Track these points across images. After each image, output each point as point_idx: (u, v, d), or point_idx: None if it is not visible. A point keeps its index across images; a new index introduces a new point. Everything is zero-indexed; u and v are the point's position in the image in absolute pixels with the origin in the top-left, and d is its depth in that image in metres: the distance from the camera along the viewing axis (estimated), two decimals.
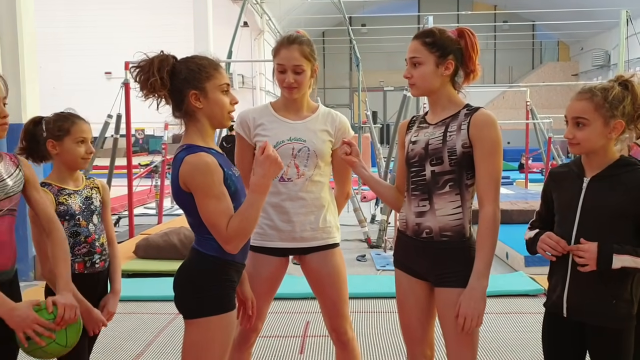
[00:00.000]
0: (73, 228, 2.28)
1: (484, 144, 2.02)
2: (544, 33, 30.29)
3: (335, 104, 28.83)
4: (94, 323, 2.27)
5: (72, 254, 2.24)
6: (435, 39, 2.08)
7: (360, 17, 28.94)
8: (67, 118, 2.33)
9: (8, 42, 5.48)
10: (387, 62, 29.03)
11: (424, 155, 2.11)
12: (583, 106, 1.91)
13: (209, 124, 1.95)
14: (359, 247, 7.24)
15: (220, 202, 1.84)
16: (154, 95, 1.91)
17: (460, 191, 2.07)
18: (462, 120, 2.07)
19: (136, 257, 5.98)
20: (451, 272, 2.08)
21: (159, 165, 10.48)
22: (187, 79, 1.89)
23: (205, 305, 1.90)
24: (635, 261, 1.85)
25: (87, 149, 2.32)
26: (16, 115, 5.53)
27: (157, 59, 1.89)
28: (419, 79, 2.10)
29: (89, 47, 22.03)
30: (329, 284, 2.45)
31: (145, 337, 4.07)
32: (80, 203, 2.32)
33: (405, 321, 2.25)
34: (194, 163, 1.83)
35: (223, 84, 1.94)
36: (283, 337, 4.03)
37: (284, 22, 24.29)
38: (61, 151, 2.29)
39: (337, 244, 2.51)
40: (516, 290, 4.93)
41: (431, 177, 2.09)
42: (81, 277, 2.26)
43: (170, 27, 20.16)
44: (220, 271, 1.93)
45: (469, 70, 2.13)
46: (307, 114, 2.45)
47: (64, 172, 2.33)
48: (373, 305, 4.71)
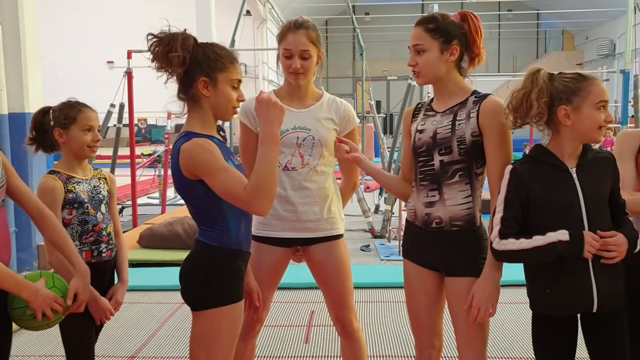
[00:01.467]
0: (82, 216, 2.30)
1: (494, 132, 1.99)
2: (548, 22, 30.10)
3: (339, 93, 28.65)
4: (102, 312, 2.29)
5: (79, 242, 2.28)
6: (439, 24, 2.04)
7: (364, 6, 28.78)
8: (73, 106, 2.34)
9: (10, 32, 5.45)
10: (391, 51, 28.90)
11: (432, 145, 2.07)
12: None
13: (211, 113, 1.93)
14: (363, 237, 7.22)
15: (228, 171, 1.81)
16: (167, 70, 1.87)
17: (470, 180, 2.05)
18: (470, 108, 2.04)
19: (140, 246, 5.98)
20: (462, 261, 2.06)
21: (162, 154, 10.46)
22: (201, 65, 1.87)
23: (213, 296, 1.89)
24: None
25: (94, 136, 2.34)
26: (19, 105, 5.52)
27: (181, 35, 1.86)
28: (424, 66, 2.06)
29: (91, 36, 21.97)
30: (334, 275, 2.43)
31: (150, 327, 4.07)
32: (88, 192, 2.33)
33: (414, 311, 2.24)
34: (190, 148, 1.82)
35: (235, 79, 1.92)
36: (288, 327, 4.03)
37: (287, 11, 24.17)
38: (68, 139, 2.31)
39: (342, 234, 2.49)
40: (519, 280, 4.89)
41: (440, 166, 2.06)
42: (88, 265, 2.24)
43: (173, 16, 20.06)
44: (227, 261, 1.92)
45: (473, 55, 2.10)
46: (312, 102, 2.41)
47: (72, 160, 2.35)
48: (377, 295, 4.70)
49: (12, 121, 5.47)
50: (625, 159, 2.21)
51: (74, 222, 2.29)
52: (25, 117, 5.49)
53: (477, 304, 1.99)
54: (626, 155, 2.22)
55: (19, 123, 5.48)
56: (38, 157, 5.59)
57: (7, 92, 5.45)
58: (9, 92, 5.46)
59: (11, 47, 5.46)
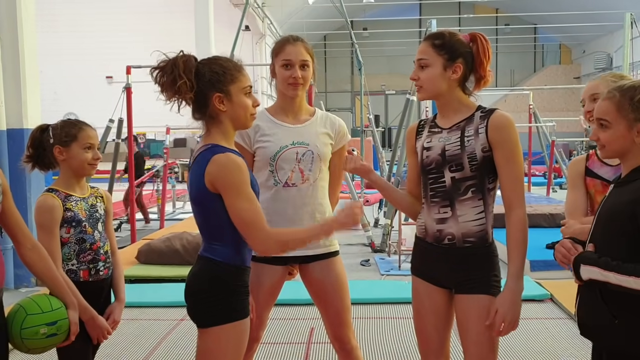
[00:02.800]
0: (79, 235, 2.29)
1: (505, 147, 1.99)
2: (545, 36, 30.27)
3: (337, 107, 28.83)
4: (99, 331, 2.28)
5: (77, 261, 2.27)
6: (445, 41, 2.04)
7: (362, 21, 28.95)
8: (74, 124, 2.35)
9: (9, 47, 5.46)
10: (389, 66, 29.04)
11: (442, 162, 2.06)
12: (605, 106, 1.76)
13: (231, 125, 1.94)
14: (362, 252, 7.19)
15: (252, 202, 1.83)
16: (177, 98, 1.87)
17: (482, 196, 2.04)
18: (478, 123, 2.03)
19: (138, 262, 5.94)
20: (473, 278, 2.04)
21: (161, 169, 10.46)
22: (211, 82, 1.87)
23: (220, 313, 1.88)
24: (604, 275, 1.64)
25: (94, 154, 2.34)
26: (17, 121, 5.50)
27: (181, 59, 1.85)
28: (425, 81, 2.06)
29: (90, 51, 22.01)
30: (332, 293, 2.42)
31: (148, 344, 4.02)
32: (86, 210, 2.33)
33: (422, 329, 2.19)
34: (224, 162, 1.82)
35: (246, 86, 1.93)
36: (287, 344, 3.99)
37: (286, 26, 24.30)
38: (68, 157, 2.30)
39: (338, 251, 2.48)
40: (522, 295, 4.88)
41: (452, 183, 2.05)
42: (86, 284, 2.27)
43: (172, 31, 20.18)
44: (234, 277, 1.91)
45: (479, 76, 2.09)
46: (307, 117, 2.44)
47: (70, 178, 2.34)
48: (377, 310, 4.65)
49: (10, 137, 5.46)
50: (576, 186, 2.31)
51: (72, 241, 2.27)
52: (23, 133, 5.48)
53: (502, 316, 1.96)
54: (576, 181, 2.32)
55: (18, 139, 5.47)
56: (36, 175, 5.57)
57: (6, 107, 5.44)
58: (7, 107, 5.45)
59: (10, 63, 5.46)
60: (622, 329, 1.66)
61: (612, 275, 1.63)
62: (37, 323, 1.96)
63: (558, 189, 13.45)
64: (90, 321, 2.22)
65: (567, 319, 4.40)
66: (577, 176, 2.32)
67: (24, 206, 5.29)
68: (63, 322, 2.02)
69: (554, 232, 6.28)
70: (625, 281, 1.60)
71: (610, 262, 1.65)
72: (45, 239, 2.20)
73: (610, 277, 1.63)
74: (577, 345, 3.84)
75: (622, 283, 1.61)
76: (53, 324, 1.99)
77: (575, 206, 2.28)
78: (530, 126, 13.31)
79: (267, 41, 21.75)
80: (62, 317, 2.03)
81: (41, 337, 1.97)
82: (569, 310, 4.47)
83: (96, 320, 2.25)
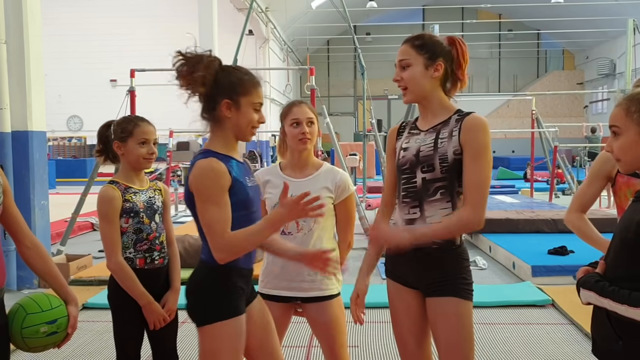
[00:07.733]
0: (137, 225, 2.43)
1: (473, 147, 1.98)
2: (549, 42, 30.30)
3: (340, 112, 28.90)
4: (155, 315, 2.42)
5: (134, 249, 2.43)
6: (425, 41, 2.07)
7: (365, 26, 29.02)
8: (130, 120, 2.50)
9: (15, 51, 5.48)
10: (391, 71, 28.54)
11: (415, 162, 2.07)
12: (616, 113, 1.71)
13: (232, 133, 2.00)
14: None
15: (221, 209, 1.88)
16: (189, 89, 1.93)
17: (451, 198, 2.04)
18: (453, 126, 2.04)
19: None
20: (441, 280, 2.04)
21: (164, 172, 10.48)
22: (225, 87, 1.94)
23: (211, 312, 1.96)
24: (600, 301, 1.60)
25: (149, 149, 2.47)
26: (22, 123, 5.53)
27: (207, 58, 1.93)
28: (408, 81, 2.07)
29: (94, 55, 22.10)
30: (326, 332, 2.57)
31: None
32: (144, 202, 2.46)
33: (398, 332, 2.20)
34: (202, 167, 1.90)
35: (257, 103, 1.99)
36: (288, 347, 4.00)
37: (289, 31, 24.38)
38: (125, 152, 2.45)
39: (336, 294, 2.58)
40: (523, 300, 4.88)
41: (422, 184, 2.06)
42: (142, 272, 2.42)
43: (176, 35, 20.26)
44: (222, 277, 1.98)
45: (457, 79, 2.11)
46: (312, 171, 2.59)
47: (129, 171, 2.48)
48: (379, 315, 4.65)
49: (15, 139, 5.48)
50: (593, 182, 2.31)
51: (130, 230, 2.42)
52: (28, 136, 5.51)
53: (382, 234, 2.04)
54: (598, 176, 2.31)
55: (22, 141, 5.49)
56: (39, 177, 5.60)
57: (11, 110, 5.46)
58: (12, 110, 5.47)
59: (15, 66, 5.49)
60: (627, 352, 1.61)
61: (606, 301, 1.60)
62: (37, 322, 1.98)
63: (561, 195, 13.42)
64: (147, 306, 2.39)
65: (568, 325, 4.40)
66: (602, 174, 2.27)
67: (28, 208, 5.29)
68: (63, 319, 2.05)
69: (555, 238, 6.27)
70: (618, 309, 1.56)
71: (606, 287, 1.60)
72: (106, 227, 2.37)
73: (605, 304, 1.60)
74: (578, 351, 3.84)
75: (616, 310, 1.58)
76: (53, 322, 2.02)
77: (583, 199, 2.30)
78: (532, 132, 13.30)
79: (270, 45, 21.81)
80: (62, 315, 2.05)
81: (42, 335, 2.00)
82: (570, 315, 4.47)
83: (152, 305, 2.41)
